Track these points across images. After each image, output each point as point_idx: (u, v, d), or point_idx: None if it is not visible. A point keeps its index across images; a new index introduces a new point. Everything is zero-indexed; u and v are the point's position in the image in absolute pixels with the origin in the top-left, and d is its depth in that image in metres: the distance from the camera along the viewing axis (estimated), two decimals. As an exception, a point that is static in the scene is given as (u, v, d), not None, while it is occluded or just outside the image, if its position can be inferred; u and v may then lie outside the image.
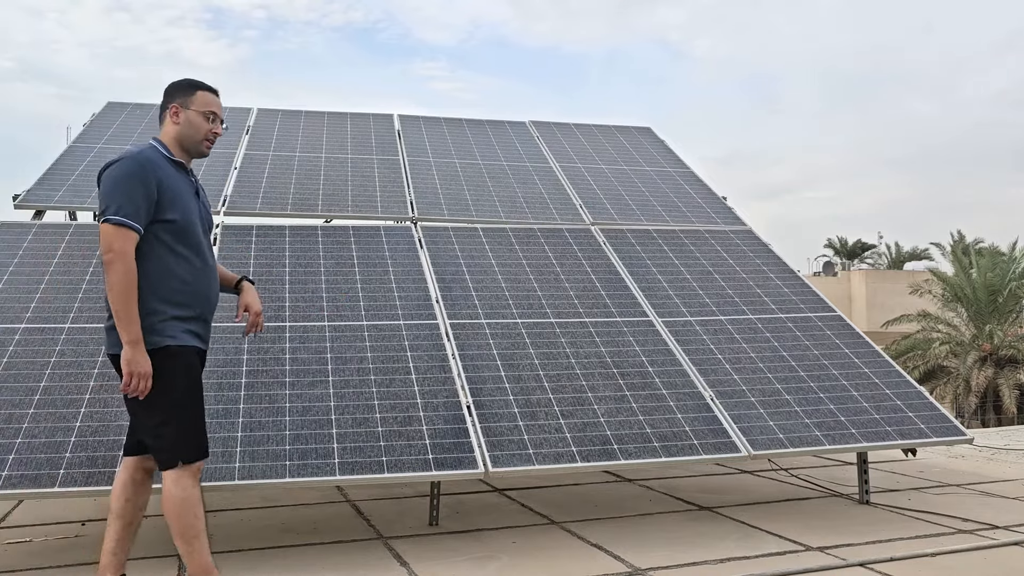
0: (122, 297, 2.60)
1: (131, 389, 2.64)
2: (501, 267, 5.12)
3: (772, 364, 4.52)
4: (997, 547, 3.61)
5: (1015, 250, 23.00)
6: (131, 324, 2.62)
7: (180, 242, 2.76)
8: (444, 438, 3.68)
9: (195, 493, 2.72)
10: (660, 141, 7.66)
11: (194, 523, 2.69)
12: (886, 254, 36.95)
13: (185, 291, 2.76)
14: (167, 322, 2.71)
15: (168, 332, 2.71)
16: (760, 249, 5.80)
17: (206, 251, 2.87)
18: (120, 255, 2.61)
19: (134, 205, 2.65)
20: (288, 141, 6.63)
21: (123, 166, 2.70)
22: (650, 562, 3.43)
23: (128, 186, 2.66)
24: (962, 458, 5.96)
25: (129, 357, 2.62)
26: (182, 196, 2.80)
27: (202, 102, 2.90)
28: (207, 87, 2.96)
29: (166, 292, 2.72)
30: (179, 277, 2.75)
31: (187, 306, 2.77)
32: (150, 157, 2.76)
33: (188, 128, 2.87)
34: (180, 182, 2.83)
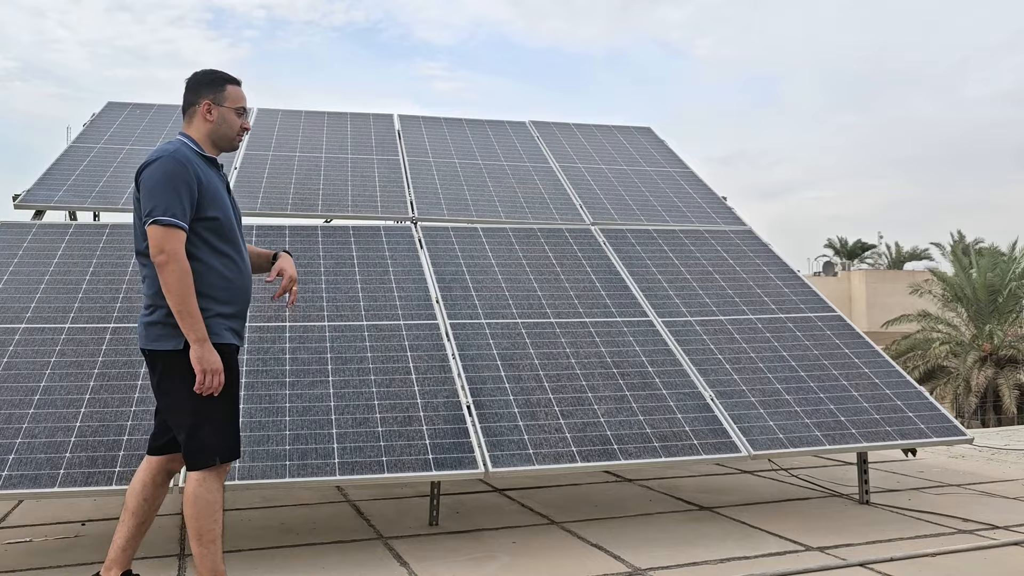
0: (182, 297, 2.59)
1: (205, 387, 2.62)
2: (501, 267, 5.12)
3: (772, 364, 4.52)
4: (997, 547, 3.61)
5: (1015, 250, 23.01)
6: (196, 322, 2.60)
7: (221, 239, 2.75)
8: (444, 438, 3.68)
9: (219, 496, 2.71)
10: (660, 141, 7.66)
11: (213, 527, 2.67)
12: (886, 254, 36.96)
13: (228, 288, 2.75)
14: (211, 320, 2.70)
15: (213, 330, 2.69)
16: (760, 249, 5.80)
17: (241, 245, 2.86)
18: (173, 256, 2.59)
19: (180, 204, 2.63)
20: (288, 141, 6.63)
21: (164, 165, 2.66)
22: (650, 562, 3.43)
23: (171, 185, 2.64)
24: (962, 458, 5.96)
25: (199, 355, 2.61)
26: (219, 193, 2.78)
27: (233, 97, 2.87)
28: (235, 80, 2.92)
29: (210, 289, 2.70)
30: (222, 274, 2.74)
31: (229, 303, 2.76)
32: (188, 155, 2.73)
33: (222, 125, 2.84)
34: (215, 179, 2.81)
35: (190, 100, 2.86)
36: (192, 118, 2.85)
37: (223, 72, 2.91)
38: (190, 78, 2.89)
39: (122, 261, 4.69)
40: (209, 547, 2.67)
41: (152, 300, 2.70)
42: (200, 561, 2.67)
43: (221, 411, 2.72)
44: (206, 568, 2.67)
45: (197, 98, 2.84)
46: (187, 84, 2.89)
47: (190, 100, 2.86)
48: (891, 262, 35.94)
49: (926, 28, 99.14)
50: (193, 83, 2.87)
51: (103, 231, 5.03)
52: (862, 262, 37.41)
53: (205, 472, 2.68)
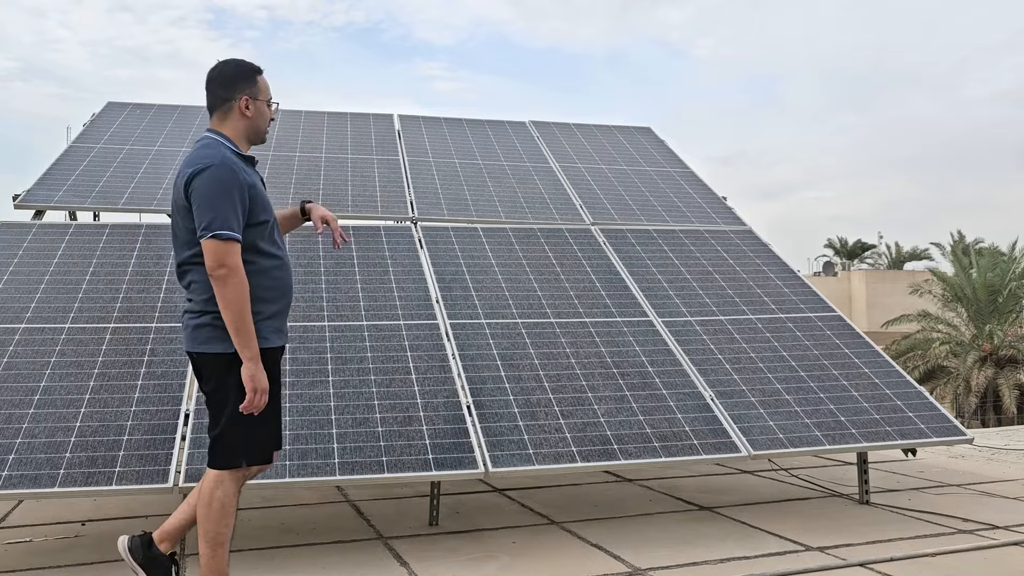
0: (240, 313, 2.54)
1: (255, 406, 2.58)
2: (501, 267, 5.12)
3: (772, 364, 4.52)
4: (997, 547, 3.61)
5: (1015, 250, 23.01)
6: (251, 340, 2.56)
7: (268, 241, 2.71)
8: (444, 438, 3.68)
9: (235, 500, 2.67)
10: (660, 141, 7.66)
11: (224, 531, 2.64)
12: (886, 254, 36.97)
13: (275, 288, 2.73)
14: (262, 322, 2.67)
15: (263, 333, 2.66)
16: (760, 249, 5.80)
17: (283, 243, 2.82)
18: (233, 270, 2.54)
19: (236, 215, 2.58)
20: (288, 141, 6.63)
21: (215, 175, 2.57)
22: (650, 562, 3.43)
23: (224, 196, 2.56)
24: (962, 458, 5.96)
25: (252, 373, 2.57)
26: (263, 194, 2.73)
27: (265, 89, 2.80)
28: (261, 69, 2.82)
29: (261, 292, 2.67)
30: (270, 275, 2.71)
31: (275, 302, 2.73)
32: (233, 161, 2.65)
33: (258, 119, 2.77)
34: (257, 180, 2.75)
35: (224, 95, 2.74)
36: (228, 114, 2.74)
37: (250, 63, 2.80)
38: (217, 71, 2.77)
39: (122, 261, 4.69)
40: (217, 550, 2.64)
41: (202, 307, 2.64)
42: (206, 563, 2.65)
43: (265, 414, 2.68)
44: (211, 570, 2.65)
45: (233, 93, 2.73)
46: (216, 78, 2.76)
47: (224, 95, 2.74)
48: (891, 262, 35.95)
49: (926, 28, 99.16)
50: (225, 77, 2.75)
51: (103, 231, 5.03)
52: (862, 262, 37.43)
53: (225, 474, 2.64)
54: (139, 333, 4.12)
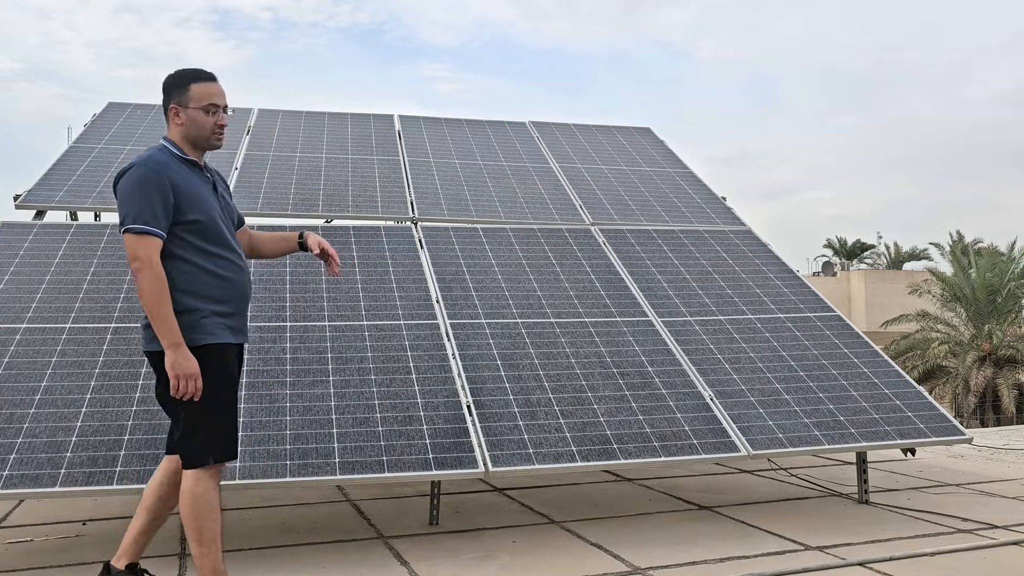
0: (154, 303, 2.59)
1: (180, 392, 2.61)
2: (501, 267, 5.13)
3: (771, 364, 4.53)
4: (996, 547, 3.62)
5: (1014, 250, 23.03)
6: (168, 328, 2.60)
7: (209, 241, 2.74)
8: (444, 438, 3.69)
9: (216, 495, 2.69)
10: (660, 141, 7.67)
11: (211, 526, 2.66)
12: (885, 254, 37.00)
13: (222, 287, 2.74)
14: (207, 319, 2.70)
15: (208, 329, 2.69)
16: (759, 249, 5.81)
17: (234, 243, 2.85)
18: (146, 262, 2.59)
19: (152, 211, 2.63)
20: (289, 141, 6.63)
21: (136, 173, 2.67)
22: (650, 561, 3.44)
23: (143, 193, 2.63)
24: (961, 458, 5.97)
25: (172, 360, 2.59)
26: (200, 195, 2.76)
27: (199, 96, 2.79)
28: (201, 76, 2.83)
29: (204, 289, 2.70)
30: (214, 274, 2.73)
31: (225, 302, 2.75)
32: (162, 160, 2.72)
33: (193, 128, 2.80)
34: (196, 181, 2.79)
35: (164, 105, 2.85)
36: (169, 122, 2.84)
37: (190, 70, 2.84)
38: (162, 81, 2.87)
39: (122, 261, 4.70)
40: (210, 547, 2.66)
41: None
42: (201, 561, 2.66)
43: (219, 410, 2.71)
44: (207, 568, 2.66)
45: (167, 102, 2.83)
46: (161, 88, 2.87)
47: (164, 105, 2.85)
48: (890, 262, 35.97)
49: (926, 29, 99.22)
50: (163, 88, 2.85)
51: (104, 231, 5.04)
52: (861, 262, 37.45)
53: (201, 471, 2.67)
54: (140, 333, 4.12)
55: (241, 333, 2.84)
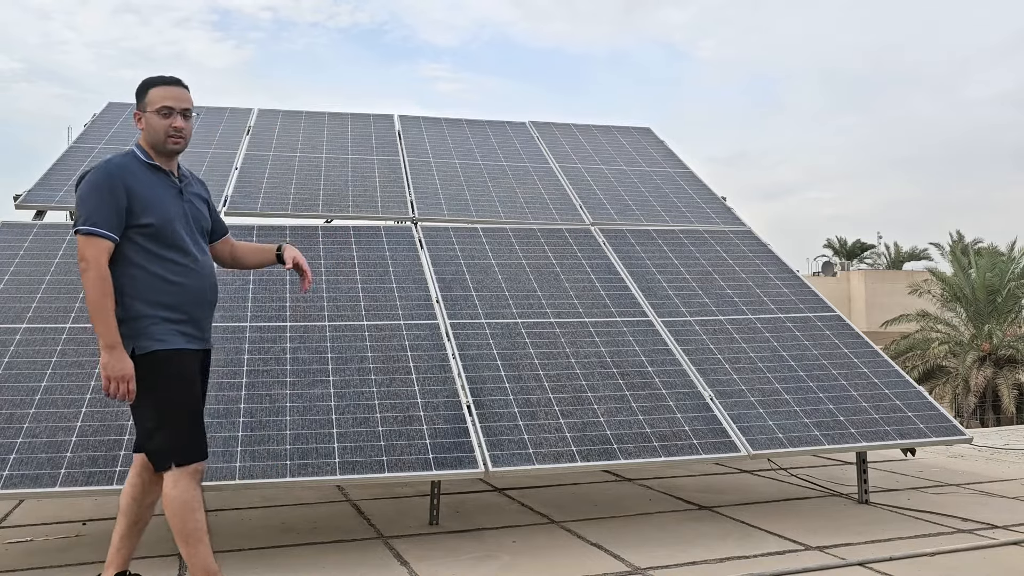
0: (97, 304, 2.62)
1: (112, 393, 2.64)
2: (501, 267, 5.13)
3: (771, 364, 4.53)
4: (996, 547, 3.62)
5: (1014, 250, 23.03)
6: (107, 329, 2.62)
7: (161, 245, 2.75)
8: (444, 438, 3.69)
9: (195, 495, 2.70)
10: (660, 141, 7.67)
11: (196, 526, 2.67)
12: (885, 254, 37.00)
13: (174, 292, 2.75)
14: (156, 325, 2.71)
15: (157, 336, 2.70)
16: (759, 249, 5.81)
17: (194, 250, 2.84)
18: (92, 263, 2.64)
19: (102, 214, 2.67)
20: (289, 141, 6.63)
21: (91, 177, 2.73)
22: (650, 561, 3.44)
23: (96, 196, 2.68)
24: (961, 458, 5.97)
25: (105, 361, 2.63)
26: (159, 199, 2.77)
27: (154, 100, 2.82)
28: (160, 81, 2.86)
29: (153, 295, 2.72)
30: (165, 279, 2.74)
31: (177, 308, 2.75)
32: (121, 164, 2.76)
33: (150, 132, 2.82)
34: (156, 186, 2.80)
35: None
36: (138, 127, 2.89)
37: (153, 76, 2.89)
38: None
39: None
40: (197, 547, 2.67)
41: None
42: (191, 562, 2.67)
43: (173, 416, 2.71)
44: (198, 568, 2.67)
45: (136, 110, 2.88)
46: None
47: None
48: (890, 262, 35.97)
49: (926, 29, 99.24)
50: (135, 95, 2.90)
51: (103, 231, 5.04)
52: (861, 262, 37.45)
53: (176, 473, 2.68)
54: (140, 333, 4.13)
55: (198, 339, 2.83)
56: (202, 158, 6.12)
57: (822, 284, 28.58)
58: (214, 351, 4.03)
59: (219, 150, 6.30)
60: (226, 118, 7.01)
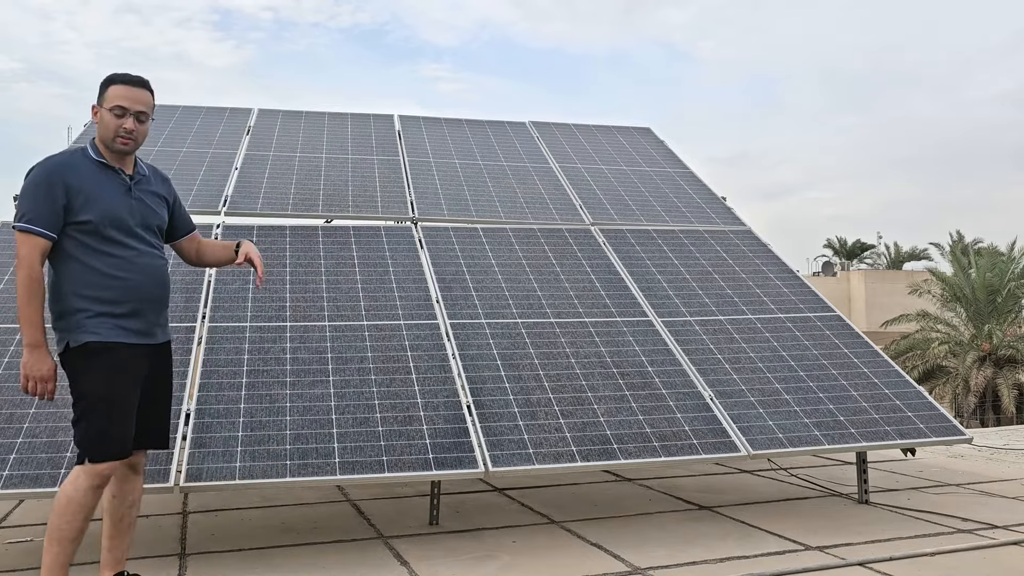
0: (23, 300, 2.61)
1: (30, 392, 2.63)
2: (501, 267, 5.13)
3: (771, 364, 4.53)
4: (996, 547, 3.62)
5: (1014, 250, 23.03)
6: (31, 327, 2.61)
7: (100, 240, 2.71)
8: (444, 438, 3.69)
9: (86, 500, 2.63)
10: (660, 141, 7.67)
11: (66, 529, 2.60)
12: (885, 254, 37.00)
13: (113, 286, 2.71)
14: (92, 319, 2.67)
15: (92, 328, 2.67)
16: (759, 249, 5.81)
17: (136, 244, 2.78)
18: (24, 260, 2.62)
19: (39, 211, 2.65)
20: (289, 141, 6.63)
21: (32, 173, 2.71)
22: (650, 561, 3.44)
23: (34, 193, 2.66)
24: (961, 458, 5.97)
25: (25, 360, 2.62)
26: (102, 197, 2.72)
27: (111, 97, 2.77)
28: (122, 79, 2.81)
29: (90, 289, 2.68)
30: (106, 274, 2.70)
31: (117, 302, 2.71)
32: (63, 161, 2.73)
33: (102, 128, 2.78)
34: (101, 183, 2.75)
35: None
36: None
37: (117, 74, 2.84)
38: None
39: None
40: (53, 546, 2.60)
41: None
42: (44, 558, 2.61)
43: (97, 409, 2.66)
44: (44, 566, 2.60)
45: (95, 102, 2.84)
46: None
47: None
48: (890, 262, 35.98)
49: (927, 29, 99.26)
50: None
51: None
52: (861, 262, 37.45)
53: (81, 470, 2.64)
54: (140, 333, 4.13)
55: (143, 334, 2.78)
56: (202, 158, 6.12)
57: (822, 284, 28.58)
58: (215, 350, 4.03)
59: (219, 150, 6.30)
60: (226, 118, 7.01)
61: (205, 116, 6.99)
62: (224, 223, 5.26)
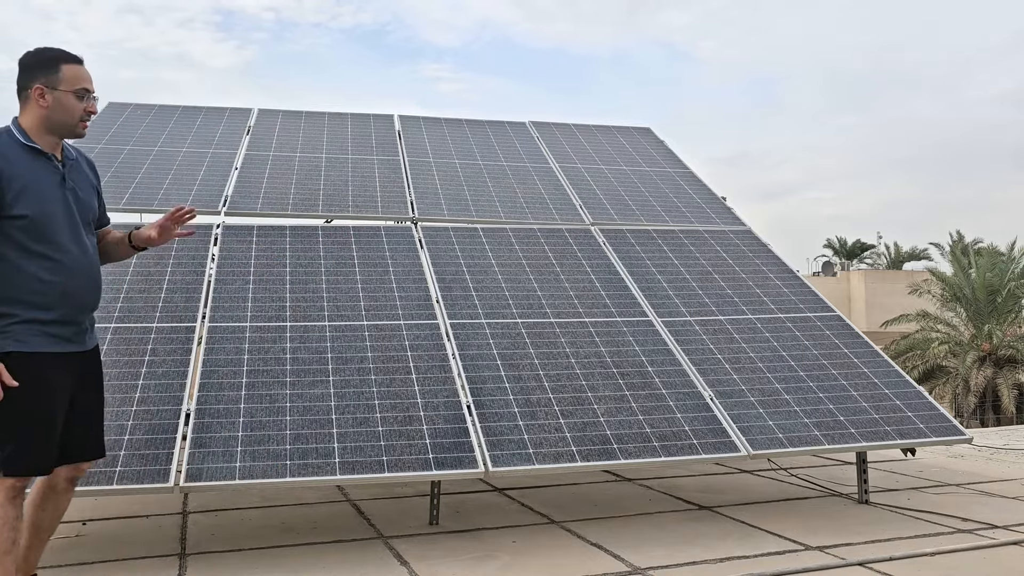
0: None
1: None
2: (501, 267, 5.13)
3: (771, 364, 4.53)
4: (996, 547, 3.62)
5: (1014, 250, 23.03)
6: None
7: (34, 239, 2.50)
8: (444, 438, 3.69)
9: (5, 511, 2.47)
10: (660, 141, 7.67)
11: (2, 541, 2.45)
12: (885, 254, 37.00)
13: (44, 291, 2.51)
14: (15, 326, 2.48)
15: (17, 336, 2.47)
16: (759, 249, 5.81)
17: (71, 244, 2.58)
18: None
19: None
20: (288, 141, 6.63)
21: None
22: (650, 561, 3.44)
23: None
24: (961, 458, 5.97)
25: None
26: (36, 187, 2.51)
27: (70, 79, 2.56)
28: (73, 58, 2.60)
29: (17, 293, 2.48)
30: (36, 277, 2.50)
31: (46, 307, 2.52)
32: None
33: (59, 112, 2.55)
34: (35, 171, 2.53)
35: (21, 83, 2.58)
36: (25, 103, 2.58)
37: (59, 50, 2.60)
38: (21, 58, 2.60)
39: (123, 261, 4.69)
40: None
41: None
42: None
43: (13, 422, 2.48)
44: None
45: (29, 81, 2.56)
46: (19, 66, 2.59)
47: (21, 83, 2.58)
48: (890, 262, 35.97)
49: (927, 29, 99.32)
50: (23, 64, 2.58)
51: (103, 231, 5.03)
52: (861, 262, 37.45)
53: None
54: (140, 333, 4.13)
55: (69, 341, 2.60)
56: (202, 158, 6.12)
57: (822, 284, 28.58)
58: (215, 350, 4.04)
59: (219, 150, 6.30)
60: (226, 118, 7.01)
61: (205, 116, 6.99)
62: (224, 223, 5.26)
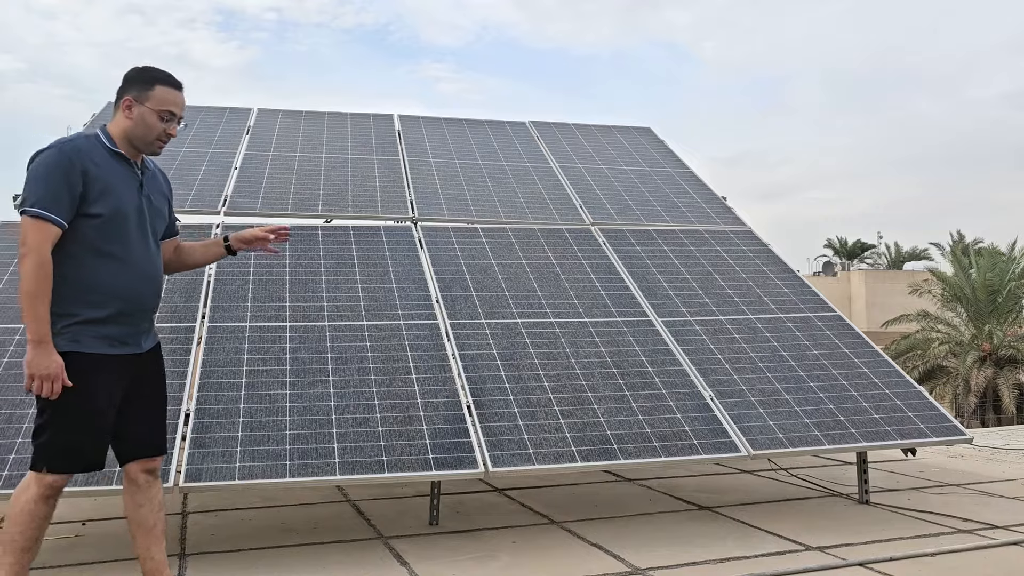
0: (30, 294, 2.45)
1: (34, 390, 2.48)
2: (501, 267, 5.13)
3: (772, 364, 4.52)
4: (997, 547, 3.61)
5: (1014, 250, 23.04)
6: (36, 323, 2.46)
7: (107, 238, 2.58)
8: (444, 438, 3.69)
9: (37, 508, 2.51)
10: (660, 141, 7.67)
11: (19, 539, 2.49)
12: (886, 254, 37.01)
13: (108, 294, 2.58)
14: (73, 327, 2.54)
15: (74, 336, 2.54)
16: (760, 249, 5.80)
17: (139, 247, 2.66)
18: (34, 249, 2.45)
19: (54, 197, 2.49)
20: (288, 141, 6.63)
21: (47, 156, 2.54)
22: (650, 562, 3.44)
23: (49, 177, 2.50)
24: (961, 458, 5.96)
25: (29, 358, 2.47)
26: (116, 188, 2.60)
27: (159, 99, 2.67)
28: (168, 81, 2.72)
29: (82, 293, 2.55)
30: (100, 278, 2.57)
31: (100, 306, 2.58)
32: (80, 147, 2.57)
33: (140, 127, 2.66)
34: (117, 173, 2.63)
35: (119, 93, 2.72)
36: (116, 112, 2.71)
37: (163, 72, 2.74)
38: (128, 71, 2.74)
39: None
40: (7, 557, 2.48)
41: None
42: None
43: (63, 420, 2.53)
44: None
45: (124, 93, 2.70)
46: (123, 77, 2.74)
47: (119, 93, 2.72)
48: (891, 262, 35.99)
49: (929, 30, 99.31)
50: (127, 77, 2.72)
51: (103, 231, 5.03)
52: (862, 262, 37.45)
53: (33, 478, 2.52)
54: (139, 333, 4.12)
55: (124, 344, 2.64)
56: (202, 158, 6.12)
57: (822, 284, 28.58)
58: (215, 350, 4.03)
59: (219, 150, 6.30)
60: (226, 118, 7.01)
61: (205, 116, 6.99)
62: (224, 223, 5.25)
